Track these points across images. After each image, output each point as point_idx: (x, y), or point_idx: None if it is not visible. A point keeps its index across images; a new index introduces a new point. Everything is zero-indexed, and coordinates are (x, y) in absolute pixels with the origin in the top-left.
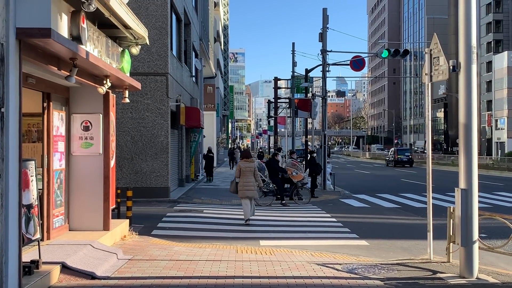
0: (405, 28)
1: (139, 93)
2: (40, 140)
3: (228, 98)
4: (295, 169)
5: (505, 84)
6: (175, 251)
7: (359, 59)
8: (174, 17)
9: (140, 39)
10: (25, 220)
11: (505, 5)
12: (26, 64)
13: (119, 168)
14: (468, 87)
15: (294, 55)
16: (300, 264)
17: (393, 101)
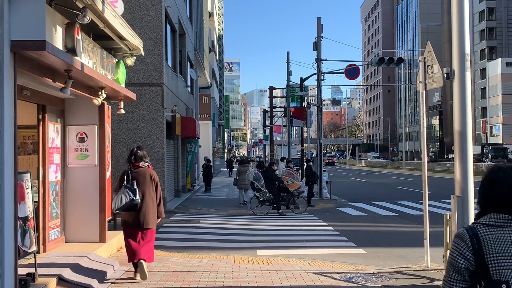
0: (399, 36)
1: (134, 104)
2: (35, 152)
3: (224, 107)
4: (291, 178)
5: (499, 91)
6: (171, 262)
7: (353, 68)
8: (168, 27)
9: (135, 50)
10: (21, 232)
11: (498, 12)
12: (21, 76)
13: (114, 179)
14: (462, 94)
15: (289, 64)
16: (297, 273)
17: (388, 109)
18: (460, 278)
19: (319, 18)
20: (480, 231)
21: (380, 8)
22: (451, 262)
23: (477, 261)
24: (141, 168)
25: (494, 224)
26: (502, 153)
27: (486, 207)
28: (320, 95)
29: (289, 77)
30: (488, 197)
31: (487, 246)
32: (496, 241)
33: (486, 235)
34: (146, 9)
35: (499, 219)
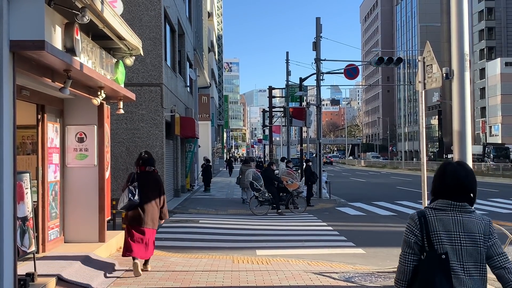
0: (398, 36)
1: (133, 104)
2: (34, 152)
3: (223, 107)
4: (291, 178)
5: (499, 91)
6: (171, 262)
7: (353, 68)
8: (168, 27)
9: (134, 50)
10: (20, 232)
11: (497, 12)
12: (20, 76)
13: (114, 179)
14: (461, 94)
15: (288, 64)
16: (296, 273)
17: (388, 109)
18: (411, 252)
19: (318, 18)
20: (427, 213)
21: (379, 8)
22: (405, 239)
23: (424, 237)
24: (147, 171)
25: (439, 208)
26: (504, 153)
27: (437, 195)
28: (319, 95)
29: (288, 77)
30: (438, 187)
31: (432, 225)
32: (440, 221)
33: (431, 217)
34: (145, 9)
35: (444, 204)
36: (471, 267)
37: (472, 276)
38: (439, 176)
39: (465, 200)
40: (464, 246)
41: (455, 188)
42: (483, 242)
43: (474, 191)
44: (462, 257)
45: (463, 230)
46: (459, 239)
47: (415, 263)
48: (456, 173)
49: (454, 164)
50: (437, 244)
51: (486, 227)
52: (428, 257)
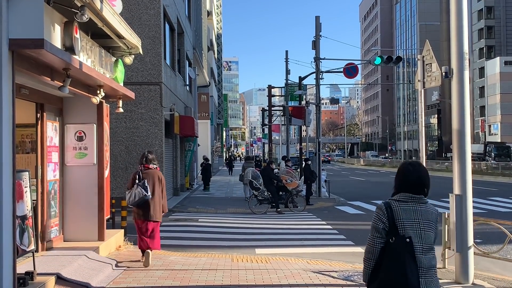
0: (397, 35)
1: (133, 102)
2: (34, 151)
3: (222, 106)
4: (290, 176)
5: (498, 90)
6: (170, 260)
7: (352, 66)
8: (167, 26)
9: (133, 49)
10: (19, 231)
11: (496, 11)
12: (19, 75)
13: (113, 178)
14: (461, 93)
15: (287, 63)
16: (296, 272)
17: (387, 107)
18: (379, 236)
19: (317, 17)
20: (392, 204)
21: (378, 7)
22: (373, 225)
23: (390, 224)
24: (151, 169)
25: (402, 200)
26: (505, 152)
27: (399, 189)
28: (318, 94)
29: (288, 76)
30: (401, 182)
31: (397, 214)
32: (403, 211)
33: (396, 207)
34: (145, 8)
35: (405, 197)
36: (427, 248)
37: (427, 255)
38: (403, 174)
39: (421, 193)
40: (423, 230)
41: (415, 184)
42: (435, 227)
43: (428, 186)
44: (422, 240)
45: (422, 218)
46: (419, 224)
47: (382, 245)
48: (416, 172)
49: (415, 164)
50: (401, 230)
51: (436, 216)
52: (397, 241)
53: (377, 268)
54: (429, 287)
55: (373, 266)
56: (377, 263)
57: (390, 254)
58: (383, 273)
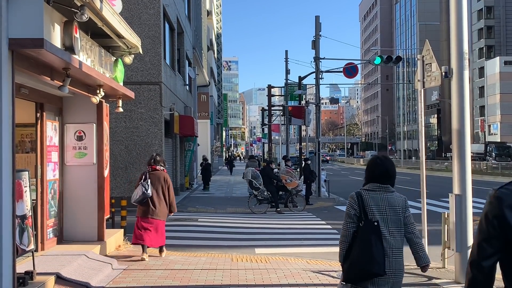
0: (397, 35)
1: (132, 102)
2: (33, 150)
3: (222, 106)
4: (290, 176)
5: (498, 90)
6: (170, 260)
7: (352, 66)
8: (167, 26)
9: (133, 48)
10: (19, 231)
11: (496, 11)
12: (19, 75)
13: (113, 178)
14: (460, 93)
15: (287, 63)
16: (295, 271)
17: (387, 107)
18: (351, 221)
19: (317, 17)
20: (362, 193)
21: (378, 6)
22: (347, 212)
23: (361, 210)
24: (157, 170)
25: (371, 189)
26: (506, 152)
27: (369, 180)
28: (318, 94)
29: (288, 76)
30: (370, 174)
31: (366, 201)
32: (371, 198)
33: (365, 195)
34: (145, 7)
35: (374, 186)
36: (394, 230)
37: (395, 237)
38: (372, 167)
39: (388, 183)
40: (388, 216)
41: (383, 175)
42: (401, 212)
43: (394, 177)
44: (387, 224)
45: (387, 205)
46: (385, 211)
47: (354, 229)
48: (384, 165)
49: (382, 158)
50: (370, 215)
51: (403, 202)
52: (366, 224)
53: (349, 250)
54: (394, 266)
55: (347, 247)
56: (350, 245)
57: (360, 236)
58: (354, 252)
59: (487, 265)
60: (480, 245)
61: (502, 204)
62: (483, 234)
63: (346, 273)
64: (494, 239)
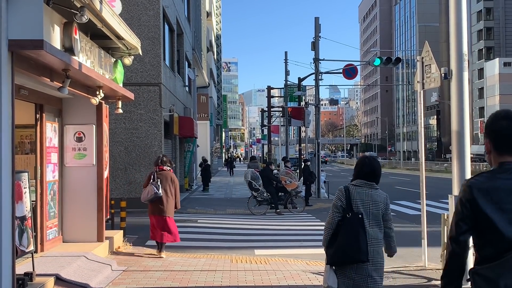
0: (396, 36)
1: (132, 103)
2: (33, 151)
3: (222, 107)
4: (289, 177)
5: (497, 91)
6: (169, 261)
7: (351, 68)
8: (166, 27)
9: (132, 50)
10: (18, 232)
11: (496, 13)
12: (19, 76)
13: (112, 179)
14: (460, 94)
15: (287, 64)
16: (295, 273)
17: (386, 108)
18: (337, 211)
19: (317, 18)
20: (349, 187)
21: (378, 8)
22: (334, 203)
23: (347, 202)
24: (164, 170)
25: (358, 185)
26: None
27: (357, 176)
28: (318, 95)
29: (287, 77)
30: (358, 171)
31: (352, 195)
32: (357, 193)
33: (352, 190)
34: (144, 9)
35: (361, 183)
36: (374, 223)
37: (374, 229)
38: (361, 165)
39: (373, 181)
40: (371, 210)
41: (370, 173)
42: (382, 208)
43: (379, 176)
44: (369, 217)
45: (371, 200)
46: (368, 205)
47: (339, 218)
48: (372, 164)
49: (370, 158)
50: (355, 208)
51: (385, 199)
52: (352, 216)
53: (333, 236)
54: (375, 255)
55: (331, 234)
56: (334, 232)
57: (347, 226)
58: (341, 239)
59: (463, 239)
60: (457, 224)
61: (472, 191)
62: (459, 215)
63: (331, 258)
64: (468, 219)
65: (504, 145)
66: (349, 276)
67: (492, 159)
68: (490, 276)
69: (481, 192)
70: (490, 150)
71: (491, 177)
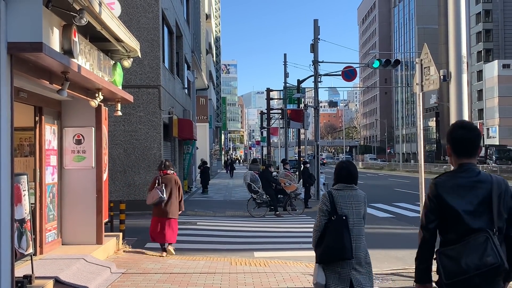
0: (395, 38)
1: (131, 105)
2: (32, 154)
3: (221, 109)
4: (288, 179)
5: (496, 93)
6: (169, 264)
7: (350, 70)
8: (166, 29)
9: (132, 52)
10: (17, 235)
11: (494, 15)
12: (18, 78)
13: (112, 181)
14: (459, 96)
15: (286, 66)
16: (294, 275)
17: (385, 110)
18: (323, 215)
19: (316, 20)
20: (332, 192)
21: (376, 10)
22: (320, 207)
23: (331, 206)
24: (168, 174)
25: (339, 189)
26: (507, 155)
27: (337, 181)
28: (317, 97)
29: (286, 79)
30: (338, 176)
31: (336, 198)
32: (340, 196)
33: (335, 193)
34: (143, 11)
35: (342, 186)
36: (357, 221)
37: (357, 226)
38: (338, 170)
39: (352, 183)
40: (354, 209)
41: (348, 177)
42: (363, 206)
43: (357, 178)
44: (353, 216)
45: (354, 200)
46: (352, 205)
47: (326, 221)
48: (348, 168)
49: (347, 163)
50: (339, 210)
51: (364, 198)
52: (337, 219)
53: (321, 237)
54: (358, 249)
55: (319, 236)
56: (321, 233)
57: (332, 227)
58: (328, 239)
59: (431, 227)
60: (426, 215)
61: (438, 188)
62: (427, 207)
63: (319, 257)
64: (434, 211)
65: (461, 149)
66: (335, 270)
67: (453, 161)
68: (453, 255)
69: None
70: (451, 154)
71: (453, 176)
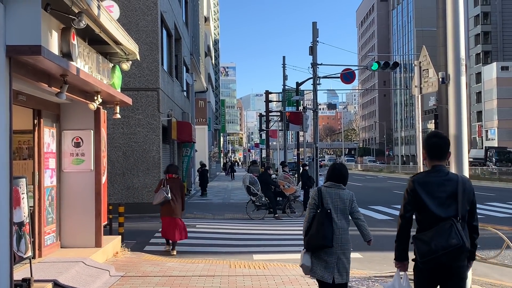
0: (394, 41)
1: (130, 108)
2: (31, 157)
3: (220, 112)
4: (287, 182)
5: (495, 95)
6: (168, 267)
7: (349, 72)
8: (164, 32)
9: (130, 55)
10: (16, 238)
11: (493, 17)
12: (17, 81)
13: (110, 184)
14: (457, 99)
15: (285, 69)
16: (293, 278)
17: (384, 113)
18: (312, 208)
19: (314, 23)
20: (321, 188)
21: (375, 12)
22: (310, 202)
23: (319, 200)
24: (173, 177)
25: (328, 186)
26: (507, 157)
27: (328, 179)
28: (316, 99)
29: (285, 82)
30: (329, 175)
31: (323, 194)
32: (327, 193)
33: (324, 190)
34: (142, 14)
35: (331, 184)
36: (341, 216)
37: (341, 220)
38: (332, 170)
39: (341, 183)
40: (338, 206)
41: (337, 176)
42: (348, 204)
43: (346, 178)
44: (337, 211)
45: (339, 198)
46: (336, 202)
47: (314, 213)
48: (340, 169)
49: (339, 165)
50: (325, 205)
51: (350, 197)
52: (321, 211)
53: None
54: (340, 241)
55: (308, 226)
56: (309, 224)
57: (317, 219)
58: (312, 228)
59: (408, 216)
60: (404, 206)
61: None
62: (406, 200)
63: (306, 244)
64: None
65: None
66: (323, 259)
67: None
68: (425, 239)
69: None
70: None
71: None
